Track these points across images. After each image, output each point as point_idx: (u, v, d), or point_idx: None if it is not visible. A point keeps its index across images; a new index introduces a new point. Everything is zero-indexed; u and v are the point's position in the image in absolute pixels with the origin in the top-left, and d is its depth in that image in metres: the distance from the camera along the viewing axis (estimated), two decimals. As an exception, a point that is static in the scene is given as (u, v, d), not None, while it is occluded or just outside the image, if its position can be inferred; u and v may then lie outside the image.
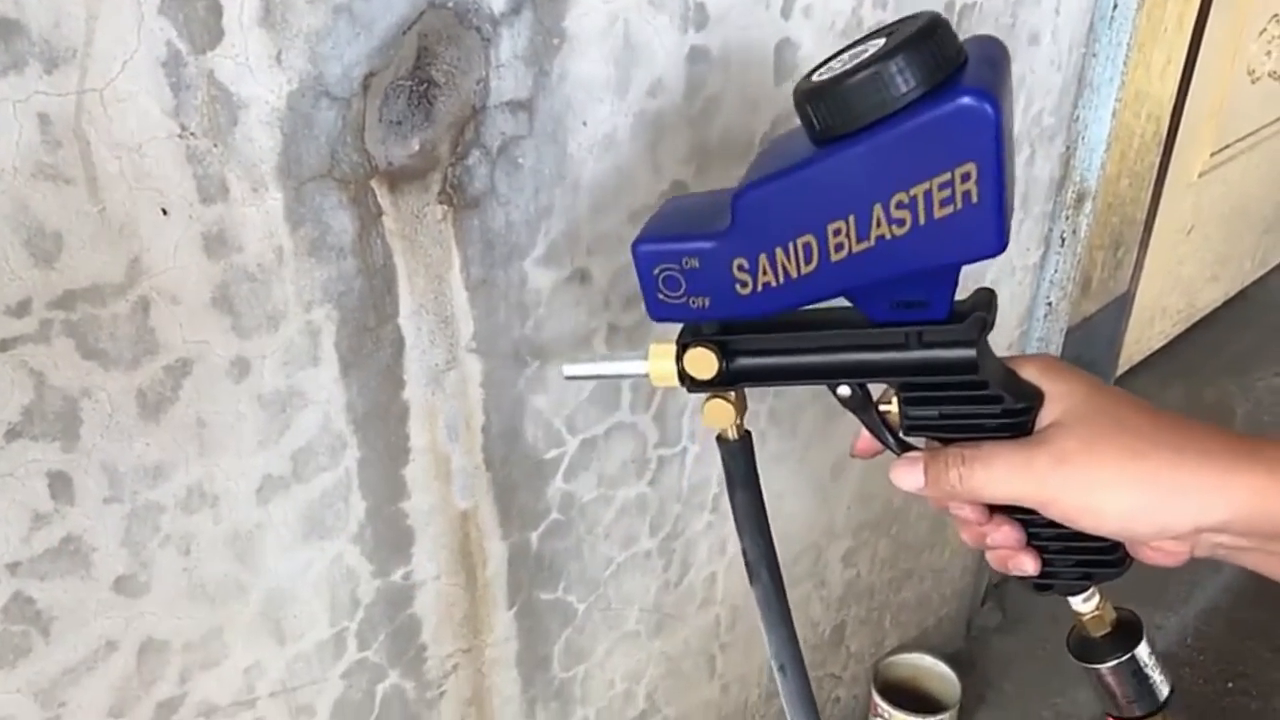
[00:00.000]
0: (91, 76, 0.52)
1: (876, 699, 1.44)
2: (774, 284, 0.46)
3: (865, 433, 0.53)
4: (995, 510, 0.52)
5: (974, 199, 0.41)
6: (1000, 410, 0.48)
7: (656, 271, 0.49)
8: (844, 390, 0.51)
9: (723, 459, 0.56)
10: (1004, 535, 0.52)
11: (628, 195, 0.79)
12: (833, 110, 0.42)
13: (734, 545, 1.11)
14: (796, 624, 1.27)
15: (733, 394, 0.53)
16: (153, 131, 0.55)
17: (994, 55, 0.44)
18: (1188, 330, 2.48)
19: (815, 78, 0.43)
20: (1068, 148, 1.27)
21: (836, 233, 0.43)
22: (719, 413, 0.53)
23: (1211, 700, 1.72)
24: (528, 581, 0.90)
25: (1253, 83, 2.14)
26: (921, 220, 0.42)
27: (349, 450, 0.72)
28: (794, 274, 0.45)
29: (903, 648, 1.50)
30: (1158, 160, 1.89)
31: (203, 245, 0.60)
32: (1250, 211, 2.45)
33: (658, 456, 0.96)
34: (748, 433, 0.55)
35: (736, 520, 0.56)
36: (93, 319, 0.57)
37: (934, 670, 1.48)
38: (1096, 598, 0.54)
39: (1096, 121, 1.28)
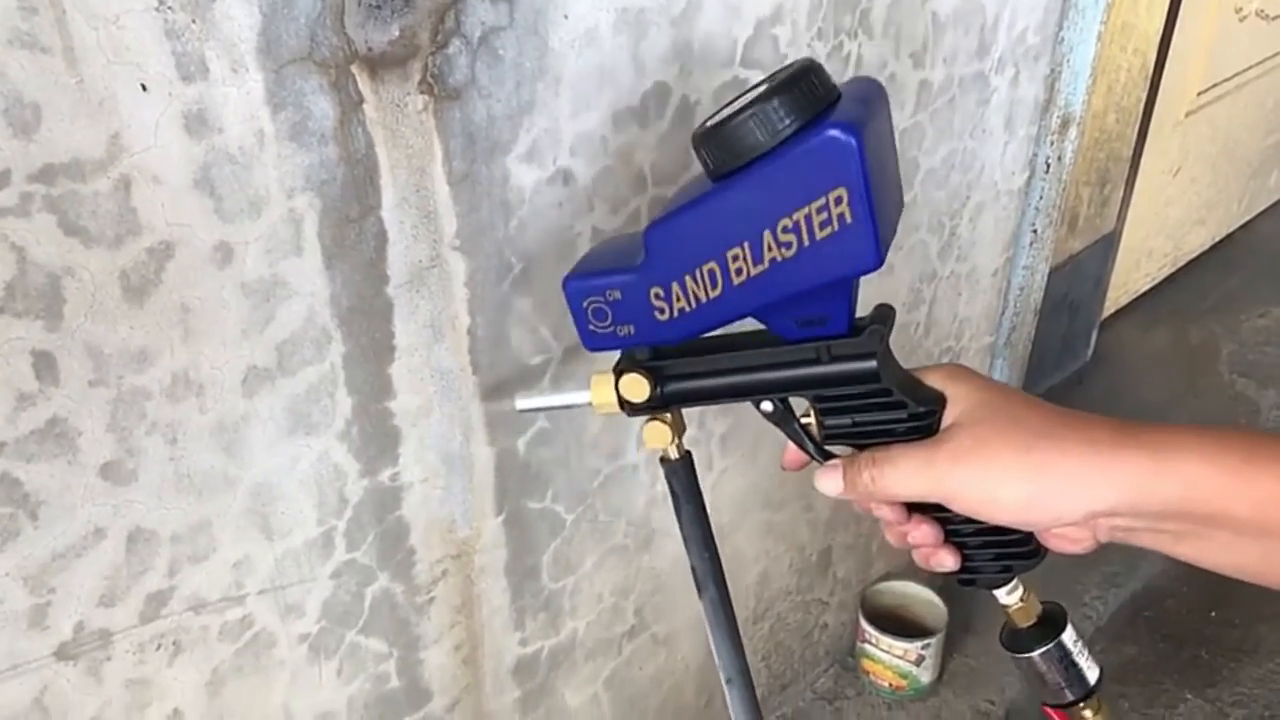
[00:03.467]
0: (66, -61, 0.52)
1: (864, 624, 1.45)
2: (688, 309, 0.50)
3: (791, 446, 0.57)
4: (913, 510, 0.55)
5: (849, 220, 0.45)
6: (906, 415, 0.52)
7: (585, 304, 0.54)
8: (766, 406, 0.55)
9: (666, 478, 0.60)
10: (922, 534, 0.55)
11: (610, 93, 0.79)
12: (719, 152, 0.47)
13: (719, 462, 1.11)
14: (783, 546, 1.28)
15: (669, 416, 0.58)
16: (130, 3, 0.55)
17: (867, 93, 0.49)
18: (1174, 274, 2.49)
19: (708, 123, 0.48)
20: (1053, 70, 1.27)
21: (735, 259, 0.48)
22: (657, 434, 0.58)
23: (1195, 629, 1.74)
24: (515, 489, 0.91)
25: (1240, 21, 2.14)
26: (806, 242, 0.46)
27: (334, 345, 0.72)
28: (704, 298, 0.50)
29: (890, 575, 1.51)
30: (1144, 97, 1.89)
31: (183, 124, 0.59)
32: (1237, 154, 2.45)
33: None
34: (688, 452, 0.59)
35: (683, 535, 0.60)
36: (73, 195, 0.57)
37: (921, 597, 1.50)
38: (1020, 590, 0.57)
39: (1081, 44, 1.28)
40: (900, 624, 1.46)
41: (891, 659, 1.44)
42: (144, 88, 0.57)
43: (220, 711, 0.78)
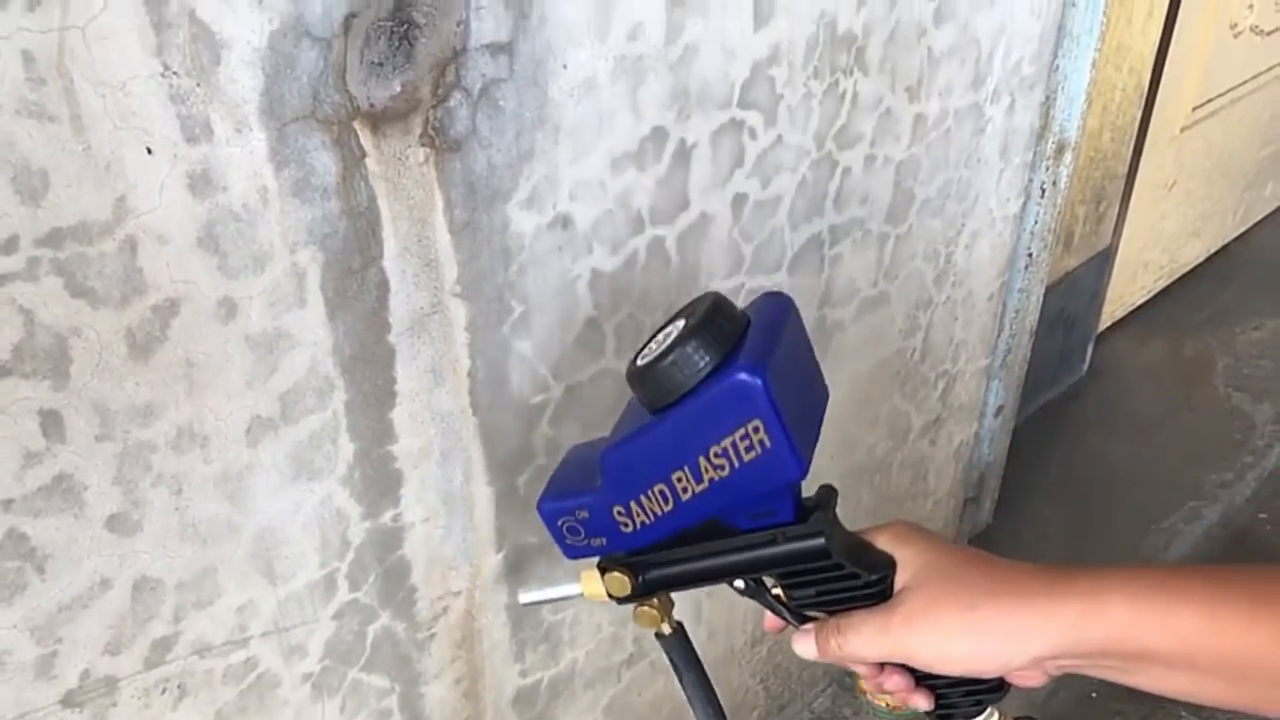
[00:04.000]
0: (73, 13, 0.52)
1: (861, 646, 1.46)
2: (648, 521, 0.56)
3: (769, 614, 0.62)
4: (886, 663, 0.59)
5: (768, 444, 0.51)
6: (860, 583, 0.57)
7: (560, 523, 0.60)
8: (739, 584, 0.60)
9: (665, 652, 0.65)
10: (895, 683, 0.60)
11: (608, 139, 0.80)
12: (650, 390, 0.53)
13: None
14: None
15: (655, 599, 0.63)
16: (135, 70, 0.56)
17: (773, 313, 0.55)
18: (1169, 286, 2.50)
19: (638, 361, 0.54)
20: (1047, 97, 1.27)
21: (679, 479, 0.54)
22: (648, 618, 0.63)
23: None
24: (515, 526, 0.92)
25: (1235, 37, 2.15)
26: (736, 464, 0.52)
27: (337, 393, 0.73)
28: (659, 512, 0.55)
29: (887, 596, 1.52)
30: (1139, 114, 1.90)
31: (188, 185, 0.60)
32: (1232, 167, 2.46)
33: (642, 403, 0.97)
34: (679, 624, 0.64)
35: (688, 698, 0.65)
36: (80, 257, 0.58)
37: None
38: (995, 715, 0.61)
39: (1076, 72, 1.29)
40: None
41: (889, 680, 1.45)
42: (149, 151, 0.58)
43: (224, 752, 0.79)
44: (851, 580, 0.57)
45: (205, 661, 0.75)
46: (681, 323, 0.54)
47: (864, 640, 0.57)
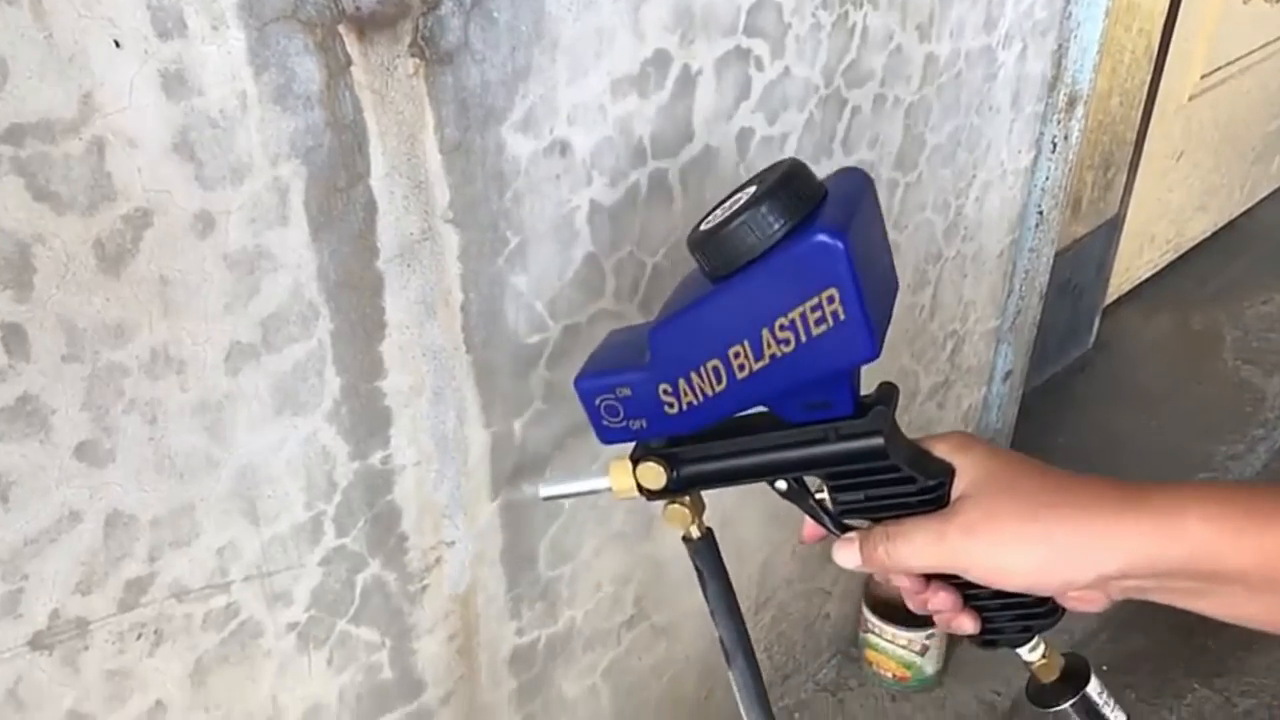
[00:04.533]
0: (31, -119, 0.48)
1: (867, 614, 1.43)
2: (695, 403, 0.53)
3: (809, 520, 0.58)
4: (931, 578, 0.57)
5: (841, 316, 0.47)
6: (916, 489, 0.54)
7: (598, 402, 0.56)
8: (781, 485, 0.56)
9: (690, 556, 0.61)
10: (941, 600, 0.57)
11: (608, 60, 0.76)
12: (715, 256, 0.50)
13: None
14: (786, 534, 1.25)
15: (688, 498, 0.59)
16: (101, -48, 0.52)
17: (852, 188, 0.51)
18: (1176, 260, 2.46)
19: (702, 226, 0.51)
20: (1060, 46, 1.24)
21: (736, 355, 0.50)
22: (678, 516, 0.59)
23: (1202, 619, 1.70)
24: (510, 473, 0.88)
25: (1244, 4, 2.11)
26: (803, 339, 0.49)
27: (322, 321, 0.69)
28: (710, 393, 0.52)
29: (893, 564, 1.49)
30: (1148, 79, 1.86)
31: (160, 84, 0.56)
32: (1240, 139, 2.42)
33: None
34: (709, 530, 0.61)
35: (710, 610, 0.62)
36: (43, 157, 0.54)
37: (924, 586, 1.47)
38: (1042, 646, 0.59)
39: (1089, 20, 1.25)
40: (904, 614, 1.43)
41: (895, 649, 1.41)
42: (117, 44, 0.54)
43: (205, 703, 0.75)
44: (906, 485, 0.53)
45: (183, 606, 0.71)
46: (753, 188, 0.50)
47: (916, 548, 0.53)
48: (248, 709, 0.78)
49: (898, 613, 1.43)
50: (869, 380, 0.57)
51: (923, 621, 1.42)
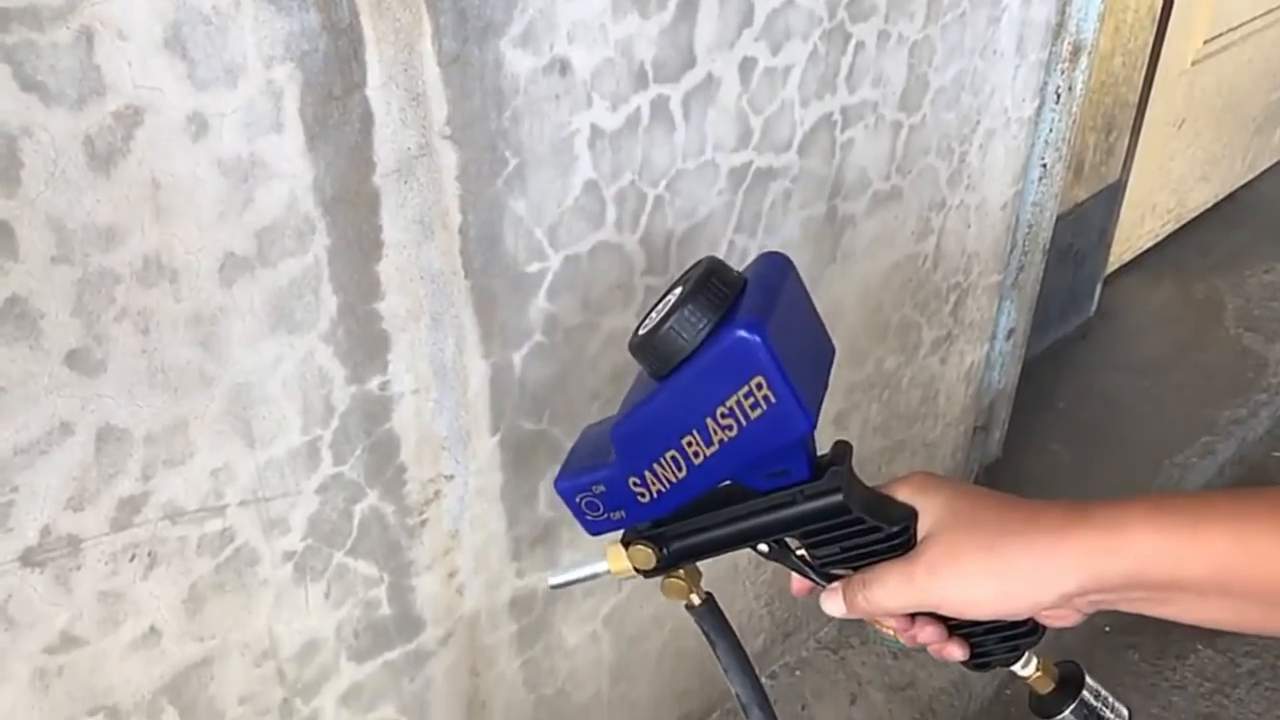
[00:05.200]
0: None
1: (868, 571, 1.42)
2: (664, 490, 0.56)
3: (796, 576, 0.61)
4: (917, 615, 0.58)
5: (773, 400, 0.51)
6: (883, 536, 0.56)
7: (579, 500, 0.60)
8: (763, 547, 0.59)
9: (695, 622, 0.64)
10: (928, 634, 0.59)
11: (610, -25, 0.75)
12: (652, 358, 0.53)
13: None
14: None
15: (682, 570, 0.62)
16: None
17: (771, 272, 0.55)
18: (1177, 231, 2.45)
19: (640, 331, 0.55)
20: (1065, -9, 1.22)
21: (689, 444, 0.54)
22: (676, 589, 0.62)
23: None
24: (511, 408, 0.86)
25: (1247, -32, 2.09)
26: (743, 423, 0.52)
27: (318, 236, 0.68)
28: (674, 480, 0.55)
29: (895, 523, 1.47)
30: (1151, 40, 1.84)
31: (150, -26, 0.55)
32: (1241, 108, 2.41)
33: (644, 285, 0.92)
34: (709, 595, 0.63)
35: (723, 668, 0.64)
36: (30, 44, 0.52)
37: (926, 545, 1.46)
38: (1035, 661, 0.61)
39: (1094, -35, 1.24)
40: (906, 571, 1.42)
41: (897, 606, 1.40)
42: (106, -70, 0.53)
43: (200, 631, 0.74)
44: (874, 534, 0.56)
45: (178, 528, 0.69)
46: (679, 289, 0.54)
47: (889, 592, 0.56)
48: (243, 639, 0.77)
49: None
50: (867, 346, 0.56)
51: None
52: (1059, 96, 1.32)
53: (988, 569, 0.53)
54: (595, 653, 1.09)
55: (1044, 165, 1.37)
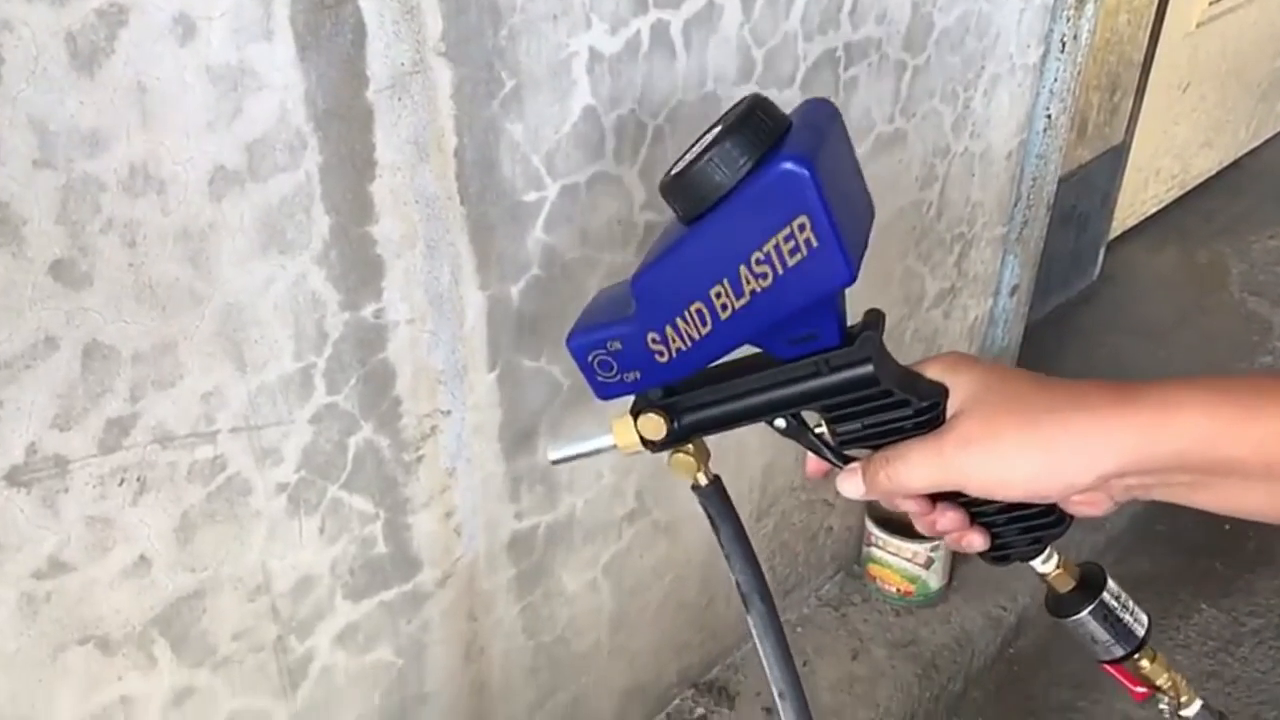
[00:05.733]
0: None
1: (871, 527, 1.40)
2: (684, 348, 0.53)
3: (811, 456, 0.58)
4: (937, 499, 0.56)
5: (815, 244, 0.48)
6: (911, 411, 0.54)
7: (591, 359, 0.56)
8: (780, 423, 0.57)
9: (700, 503, 0.61)
10: (949, 520, 0.56)
11: (609, -110, 0.73)
12: (686, 198, 0.50)
13: (725, 337, 1.06)
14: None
15: (691, 447, 0.59)
16: None
17: (818, 118, 0.51)
18: (1182, 197, 2.43)
19: (672, 171, 0.51)
20: (1071, -66, 1.20)
21: (718, 295, 0.51)
22: (684, 465, 0.59)
23: (1209, 542, 1.70)
24: (508, 342, 0.85)
25: (1253, -72, 2.07)
26: (780, 270, 0.49)
27: (309, 152, 0.66)
28: (697, 336, 0.52)
29: (897, 480, 1.46)
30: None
31: None
32: (1246, 73, 2.39)
33: (644, 221, 0.90)
34: (716, 477, 0.60)
35: (725, 554, 0.61)
36: (8, -69, 0.51)
37: (929, 502, 1.45)
38: (1055, 557, 0.58)
39: (1101, -92, 1.22)
40: (908, 530, 1.41)
41: (899, 562, 1.39)
42: None
43: (191, 562, 0.72)
44: (901, 409, 0.53)
45: (168, 453, 0.68)
46: (718, 127, 0.50)
47: (914, 468, 0.53)
48: (236, 573, 0.75)
49: (902, 529, 1.40)
50: (870, 297, 0.56)
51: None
52: (1064, 45, 1.30)
53: (1026, 445, 0.51)
54: (595, 601, 1.08)
55: (1049, 116, 1.35)
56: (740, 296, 0.50)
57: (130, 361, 0.64)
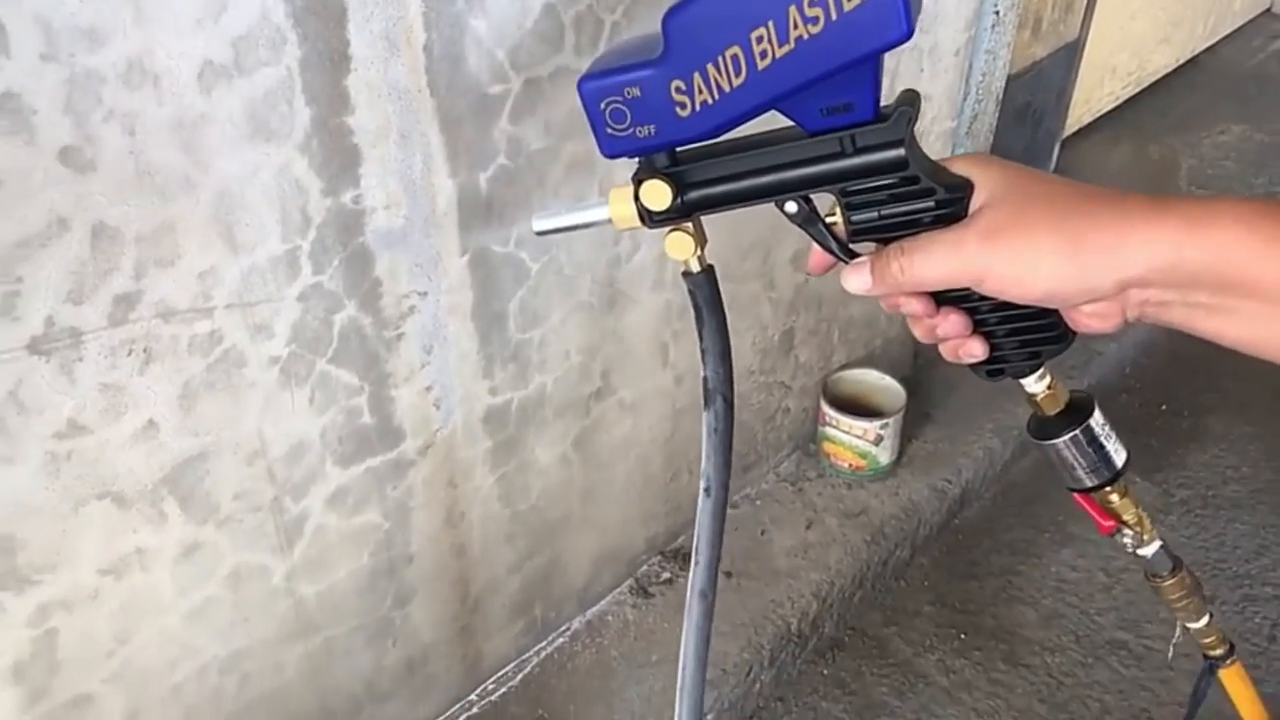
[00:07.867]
0: None
1: (825, 408, 1.49)
2: (710, 101, 0.49)
3: (816, 249, 0.56)
4: (941, 302, 0.55)
5: None
6: (934, 202, 0.51)
7: (603, 106, 0.51)
8: (791, 207, 0.54)
9: (689, 291, 0.59)
10: (951, 324, 0.55)
11: None
12: None
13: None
14: (746, 322, 1.30)
15: (691, 226, 0.56)
16: None
17: None
18: (1138, 94, 2.49)
19: None
20: None
21: (759, 39, 0.47)
22: (679, 244, 0.56)
23: (1146, 421, 1.81)
24: (478, 227, 0.92)
25: None
26: (833, 15, 0.45)
27: (289, 47, 0.72)
28: (727, 88, 0.49)
29: (850, 364, 1.55)
30: (1111, -106, 1.86)
31: None
32: (1203, -31, 2.43)
33: (604, 114, 0.96)
34: (710, 265, 0.58)
35: (702, 349, 0.59)
36: None
37: (880, 384, 1.54)
38: (1048, 378, 0.58)
39: None
40: (860, 409, 1.50)
41: (851, 439, 1.48)
42: None
43: (195, 427, 0.80)
44: (924, 199, 0.51)
45: (170, 326, 0.75)
46: None
47: (932, 260, 0.51)
48: (235, 438, 0.83)
49: (855, 409, 1.49)
50: None
51: (876, 413, 1.49)
52: (1012, -59, 1.35)
53: (1054, 242, 0.49)
54: (566, 474, 1.17)
55: (997, 13, 1.41)
56: (784, 44, 0.47)
57: (134, 242, 0.70)
